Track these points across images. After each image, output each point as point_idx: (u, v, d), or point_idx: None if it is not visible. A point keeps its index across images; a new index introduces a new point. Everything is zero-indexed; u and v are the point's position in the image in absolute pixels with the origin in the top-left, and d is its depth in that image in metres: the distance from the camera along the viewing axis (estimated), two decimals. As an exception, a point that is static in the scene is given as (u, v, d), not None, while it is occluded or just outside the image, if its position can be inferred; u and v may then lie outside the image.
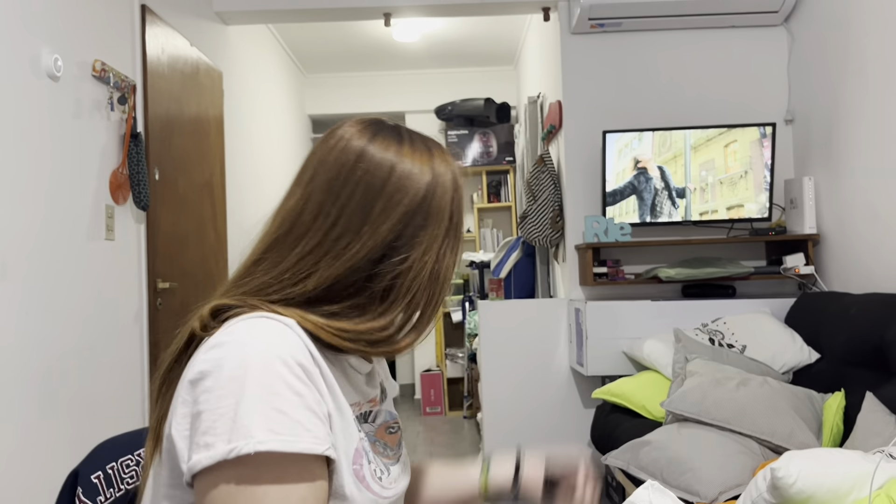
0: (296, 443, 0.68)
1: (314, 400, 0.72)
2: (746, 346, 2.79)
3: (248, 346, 0.71)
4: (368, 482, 0.78)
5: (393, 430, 0.90)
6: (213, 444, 0.68)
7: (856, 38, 2.78)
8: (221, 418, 0.68)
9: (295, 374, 0.71)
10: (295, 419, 0.69)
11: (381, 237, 0.80)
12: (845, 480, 1.54)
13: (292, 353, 0.72)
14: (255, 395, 0.68)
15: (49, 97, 2.23)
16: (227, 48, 3.89)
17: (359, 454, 0.78)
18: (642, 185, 3.24)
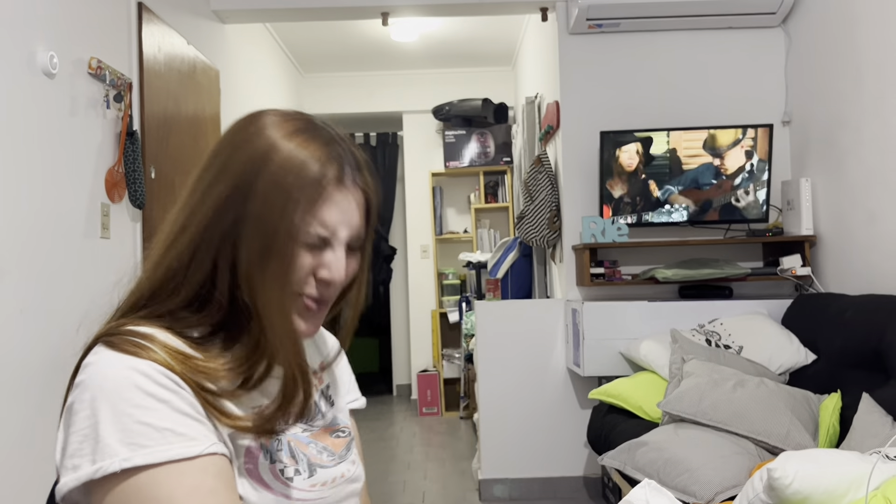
0: (166, 451, 0.67)
1: (184, 401, 0.70)
2: (743, 347, 2.79)
3: (107, 363, 0.70)
4: (266, 481, 0.76)
5: (340, 435, 0.89)
6: (79, 465, 0.67)
7: (853, 39, 2.78)
8: (86, 439, 0.67)
9: (157, 383, 0.69)
10: (162, 427, 0.68)
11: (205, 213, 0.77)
12: (842, 481, 1.54)
13: (155, 361, 0.71)
14: (116, 411, 0.67)
15: (45, 95, 2.22)
16: (224, 47, 3.88)
17: (251, 452, 0.76)
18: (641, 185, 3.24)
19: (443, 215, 6.08)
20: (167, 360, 0.71)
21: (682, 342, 2.75)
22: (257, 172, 0.75)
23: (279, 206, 0.75)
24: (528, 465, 3.50)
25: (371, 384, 7.16)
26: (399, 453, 4.52)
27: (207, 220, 0.76)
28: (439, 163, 5.93)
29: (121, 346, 0.72)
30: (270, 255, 0.75)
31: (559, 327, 3.51)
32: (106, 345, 0.72)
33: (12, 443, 2.02)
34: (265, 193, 0.75)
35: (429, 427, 5.27)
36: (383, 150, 6.28)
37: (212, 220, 0.76)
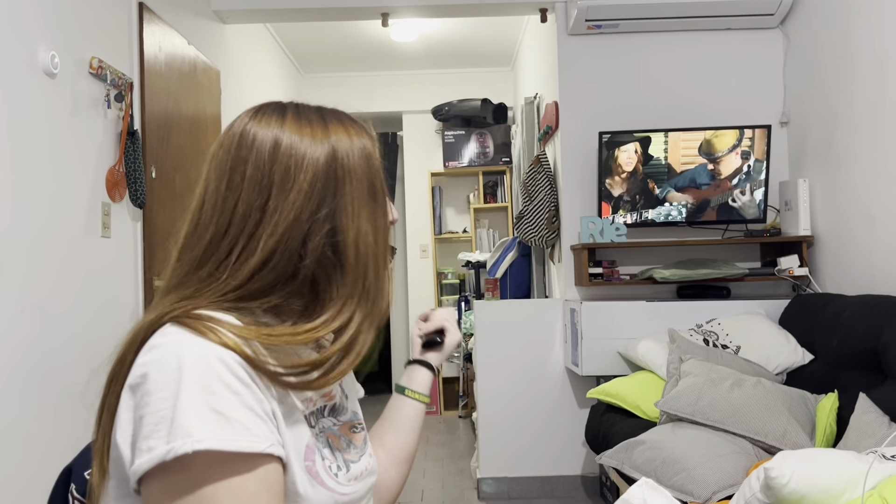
0: (235, 441, 0.67)
1: (254, 398, 0.71)
2: (741, 346, 2.81)
3: (183, 345, 0.70)
4: (322, 478, 0.77)
5: (356, 429, 0.90)
6: (154, 446, 0.67)
7: (851, 40, 2.80)
8: (162, 420, 0.67)
9: (232, 372, 0.70)
10: (233, 418, 0.68)
11: (290, 211, 0.78)
12: (838, 481, 1.55)
13: (230, 350, 0.71)
14: (193, 394, 0.67)
15: (46, 94, 2.23)
16: (224, 47, 3.89)
17: (310, 450, 0.77)
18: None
19: (442, 215, 6.09)
20: (241, 348, 0.72)
21: (680, 342, 2.76)
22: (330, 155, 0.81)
23: (358, 163, 0.82)
24: (527, 464, 3.51)
25: (370, 383, 7.17)
26: (398, 452, 4.53)
27: (295, 211, 0.78)
28: (438, 163, 5.94)
29: (195, 327, 0.72)
30: (376, 209, 0.83)
31: (558, 327, 3.52)
32: (178, 325, 0.72)
33: (11, 440, 2.03)
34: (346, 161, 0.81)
35: (427, 426, 5.28)
36: (383, 149, 6.25)
37: (299, 210, 0.78)
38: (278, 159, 0.79)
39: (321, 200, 0.79)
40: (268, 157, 0.79)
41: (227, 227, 0.78)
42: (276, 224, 0.77)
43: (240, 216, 0.78)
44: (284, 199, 0.78)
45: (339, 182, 0.80)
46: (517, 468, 3.52)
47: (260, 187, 0.78)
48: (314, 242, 0.78)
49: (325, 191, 0.79)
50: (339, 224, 0.79)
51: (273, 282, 0.78)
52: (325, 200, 0.79)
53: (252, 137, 0.80)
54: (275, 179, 0.78)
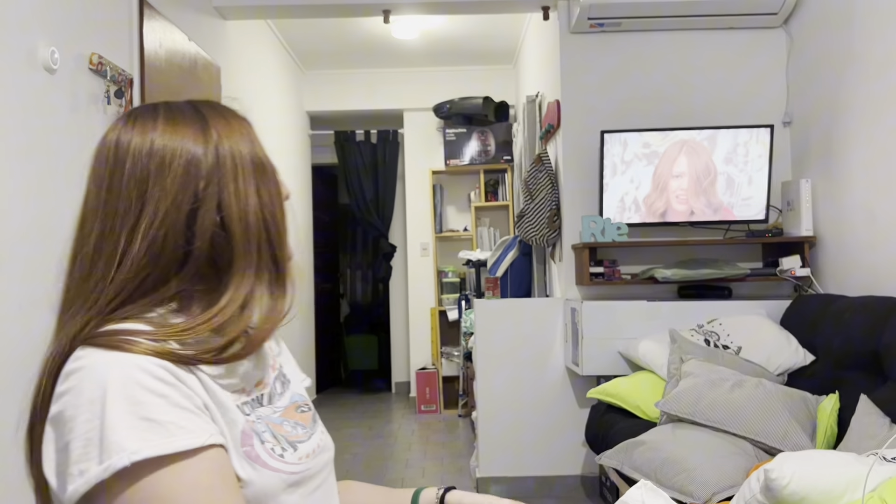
0: (171, 443, 0.68)
1: (182, 395, 0.72)
2: (742, 347, 2.80)
3: (100, 365, 0.70)
4: (265, 460, 0.79)
5: (304, 410, 0.92)
6: (86, 469, 0.67)
7: (855, 40, 2.78)
8: (90, 442, 0.67)
9: (154, 377, 0.70)
10: (164, 421, 0.69)
11: (168, 196, 0.78)
12: (839, 482, 1.54)
13: (147, 356, 0.72)
14: (118, 409, 0.68)
15: (45, 90, 2.22)
16: (225, 43, 3.88)
17: (247, 436, 0.78)
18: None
19: (443, 213, 6.08)
20: (160, 350, 0.73)
21: (681, 342, 2.76)
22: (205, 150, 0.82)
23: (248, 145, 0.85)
24: (526, 464, 3.51)
25: (370, 381, 7.17)
26: (397, 451, 4.53)
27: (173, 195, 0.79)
28: (440, 161, 5.93)
29: (109, 344, 0.72)
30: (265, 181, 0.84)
31: (558, 326, 3.51)
32: (92, 346, 0.72)
33: (11, 437, 2.03)
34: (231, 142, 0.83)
35: (427, 425, 5.27)
36: (384, 147, 6.28)
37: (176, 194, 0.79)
38: (154, 152, 0.80)
39: (200, 180, 0.80)
40: (144, 153, 0.80)
41: (111, 228, 0.79)
42: (155, 211, 0.78)
43: (121, 214, 0.78)
44: (161, 187, 0.78)
45: (220, 160, 0.81)
46: (517, 468, 3.51)
47: (137, 181, 0.79)
48: (201, 222, 0.79)
49: (203, 171, 0.80)
50: (223, 201, 0.80)
51: (165, 268, 0.79)
52: (203, 180, 0.80)
53: (127, 142, 0.81)
54: (151, 170, 0.79)
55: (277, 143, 5.14)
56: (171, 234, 0.78)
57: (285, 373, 0.96)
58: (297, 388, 0.96)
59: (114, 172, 0.80)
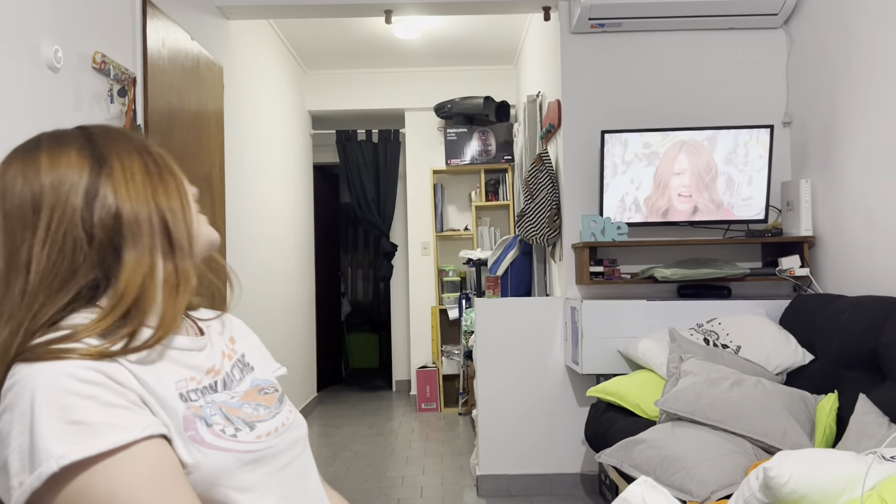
0: (99, 443, 0.69)
1: (112, 392, 0.73)
2: (741, 346, 2.81)
3: (28, 377, 0.71)
4: (210, 442, 0.79)
5: (268, 392, 0.94)
6: (23, 481, 0.68)
7: (855, 41, 2.79)
8: (23, 455, 0.69)
9: (81, 379, 0.71)
10: (93, 421, 0.69)
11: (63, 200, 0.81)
12: (837, 481, 1.55)
13: (72, 360, 0.72)
14: (46, 418, 0.69)
15: (49, 88, 2.23)
16: (228, 43, 3.89)
17: (189, 422, 0.79)
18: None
19: (444, 212, 6.09)
20: (84, 352, 0.74)
21: (681, 341, 2.77)
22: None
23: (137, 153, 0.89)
24: (526, 462, 3.52)
25: (370, 379, 7.18)
26: (398, 448, 4.54)
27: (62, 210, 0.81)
28: (441, 160, 5.94)
29: (36, 356, 0.73)
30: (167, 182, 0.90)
31: (558, 325, 3.52)
32: (22, 361, 0.74)
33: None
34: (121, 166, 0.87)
35: (427, 423, 5.28)
36: (385, 147, 6.29)
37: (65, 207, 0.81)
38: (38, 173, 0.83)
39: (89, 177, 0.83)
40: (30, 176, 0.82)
41: (16, 245, 0.80)
42: (50, 217, 0.80)
43: (19, 230, 0.80)
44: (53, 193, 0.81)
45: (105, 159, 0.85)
46: (516, 465, 3.52)
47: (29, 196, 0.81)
48: (98, 215, 0.82)
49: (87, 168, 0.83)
50: (116, 191, 0.83)
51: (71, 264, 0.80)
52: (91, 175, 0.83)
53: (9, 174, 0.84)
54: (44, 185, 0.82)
55: (279, 143, 5.15)
56: (70, 232, 0.80)
57: (247, 361, 0.99)
58: (261, 375, 0.98)
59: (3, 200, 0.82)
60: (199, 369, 0.88)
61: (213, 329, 0.98)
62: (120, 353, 0.77)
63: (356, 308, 8.29)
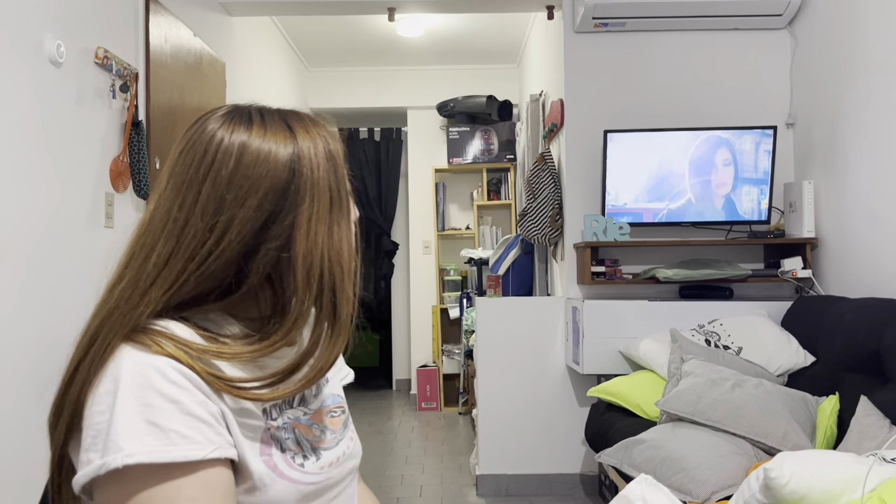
0: (168, 452, 0.68)
1: (195, 402, 0.71)
2: (742, 347, 2.80)
3: (124, 360, 0.71)
4: (282, 470, 0.78)
5: (335, 414, 0.91)
6: (92, 459, 0.69)
7: (859, 42, 2.79)
8: (99, 434, 0.69)
9: (171, 381, 0.71)
10: (168, 428, 0.69)
11: (242, 227, 0.76)
12: (838, 482, 1.54)
13: (171, 357, 0.72)
14: (127, 407, 0.69)
15: (51, 83, 2.23)
16: (230, 39, 3.89)
17: (266, 445, 0.78)
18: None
19: (445, 211, 6.09)
20: (183, 356, 0.73)
21: (682, 342, 2.76)
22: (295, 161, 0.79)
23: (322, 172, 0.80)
24: (526, 462, 3.51)
25: (371, 378, 7.18)
26: (397, 447, 4.54)
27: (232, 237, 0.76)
28: (443, 159, 5.94)
29: (141, 342, 0.73)
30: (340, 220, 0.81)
31: (559, 325, 3.52)
32: (126, 342, 0.73)
33: (13, 430, 2.04)
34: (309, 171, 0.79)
35: (427, 422, 5.28)
36: (387, 145, 6.28)
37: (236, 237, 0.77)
38: (236, 178, 0.77)
39: (274, 215, 0.77)
40: (227, 172, 0.77)
41: (173, 251, 0.76)
42: (221, 241, 0.76)
43: (189, 225, 0.76)
44: (234, 217, 0.76)
45: (299, 196, 0.78)
46: (516, 465, 3.52)
47: (215, 206, 0.76)
48: (260, 259, 0.77)
49: (281, 206, 0.77)
50: (293, 240, 0.78)
51: (204, 292, 0.78)
52: (279, 215, 0.77)
53: (216, 150, 0.78)
54: (228, 197, 0.76)
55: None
56: (222, 264, 0.76)
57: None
58: (333, 389, 0.95)
59: (191, 185, 0.77)
60: None
61: None
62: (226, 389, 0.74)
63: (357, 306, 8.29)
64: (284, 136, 0.80)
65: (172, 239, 0.76)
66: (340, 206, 0.82)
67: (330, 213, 0.80)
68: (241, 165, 0.77)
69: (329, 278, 0.80)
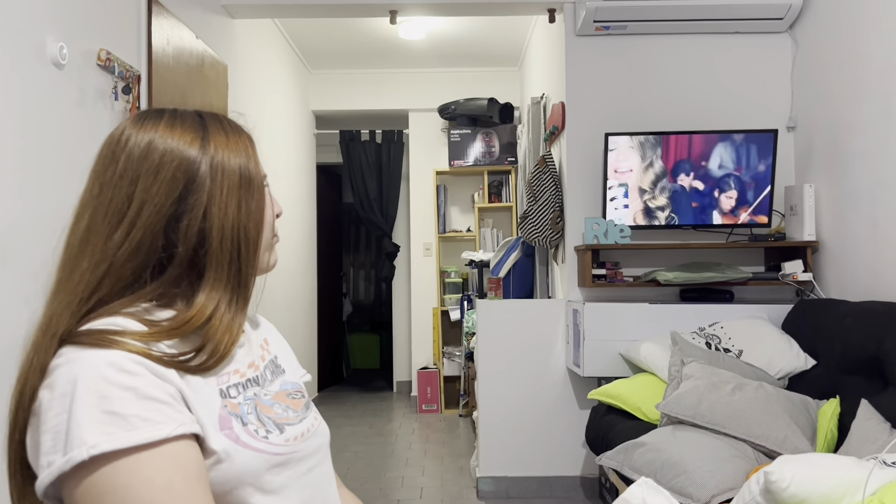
0: (131, 437, 0.70)
1: (151, 385, 0.74)
2: (743, 350, 2.80)
3: (75, 362, 0.73)
4: (245, 441, 0.80)
5: (296, 396, 0.95)
6: (53, 461, 0.70)
7: (860, 46, 2.79)
8: (58, 435, 0.70)
9: (123, 370, 0.72)
10: (128, 414, 0.71)
11: (152, 200, 0.81)
12: (838, 486, 1.55)
13: (121, 349, 0.74)
14: (85, 403, 0.70)
15: (53, 85, 2.24)
16: (232, 42, 3.89)
17: (225, 420, 0.80)
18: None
19: (446, 214, 6.09)
20: (134, 345, 0.75)
21: (682, 345, 2.76)
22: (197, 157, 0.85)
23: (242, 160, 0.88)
24: (526, 464, 3.51)
25: (371, 380, 7.18)
26: (398, 449, 4.54)
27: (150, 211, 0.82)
28: (444, 161, 5.94)
29: (88, 342, 0.74)
30: (248, 198, 0.87)
31: (560, 327, 3.52)
32: (73, 344, 0.75)
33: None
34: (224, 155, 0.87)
35: (428, 424, 5.28)
36: (389, 147, 6.29)
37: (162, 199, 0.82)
38: (148, 156, 0.83)
39: (188, 188, 0.83)
40: (138, 154, 0.83)
41: (98, 223, 0.82)
42: (138, 213, 0.81)
43: (109, 212, 0.82)
44: (147, 189, 0.82)
45: (212, 171, 0.85)
46: (516, 468, 3.52)
47: (128, 181, 0.82)
48: (185, 230, 0.83)
49: (192, 179, 0.84)
50: (207, 212, 0.84)
51: (140, 270, 0.82)
52: (192, 188, 0.83)
53: (125, 140, 0.84)
54: (142, 171, 0.82)
55: (283, 142, 5.15)
56: (148, 238, 0.81)
57: (279, 363, 0.99)
58: (290, 378, 0.99)
59: (106, 168, 0.83)
60: (242, 363, 0.89)
61: (249, 328, 0.98)
62: (171, 366, 0.78)
63: (358, 308, 8.29)
64: (194, 123, 0.88)
65: (97, 216, 0.82)
66: (250, 187, 0.88)
67: (238, 190, 0.87)
68: (151, 145, 0.84)
69: (237, 248, 0.86)
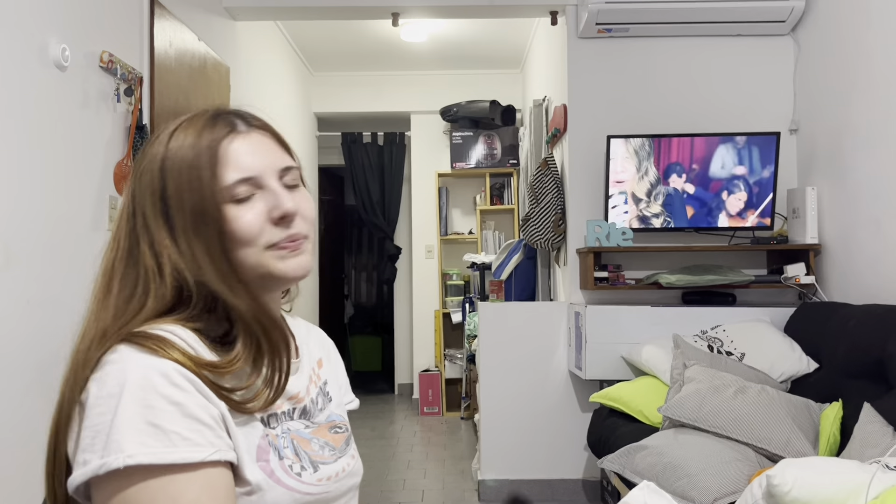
0: (169, 454, 0.69)
1: (197, 404, 0.72)
2: (745, 353, 2.80)
3: (128, 363, 0.72)
4: (279, 476, 0.79)
5: (339, 430, 0.92)
6: (89, 460, 0.69)
7: (862, 49, 2.79)
8: (98, 435, 0.69)
9: (173, 384, 0.72)
10: (170, 430, 0.70)
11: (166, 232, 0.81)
12: (841, 490, 1.54)
13: (175, 361, 0.73)
14: (130, 409, 0.69)
15: (56, 87, 2.24)
16: (234, 44, 3.90)
17: (262, 451, 0.79)
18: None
19: (448, 216, 6.09)
20: (187, 360, 0.74)
21: (684, 348, 2.76)
22: (161, 172, 0.82)
23: (188, 182, 0.80)
24: (528, 467, 3.51)
25: (373, 383, 7.18)
26: (399, 452, 4.53)
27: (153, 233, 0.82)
28: (446, 163, 5.94)
29: (142, 344, 0.73)
30: (203, 225, 0.80)
31: (562, 330, 3.51)
32: (127, 343, 0.74)
33: (16, 431, 2.04)
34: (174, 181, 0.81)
35: (429, 426, 5.28)
36: (390, 149, 6.29)
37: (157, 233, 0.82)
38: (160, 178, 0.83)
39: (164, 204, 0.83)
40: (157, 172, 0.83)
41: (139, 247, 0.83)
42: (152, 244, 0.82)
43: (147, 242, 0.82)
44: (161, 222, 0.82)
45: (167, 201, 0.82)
46: (518, 470, 3.51)
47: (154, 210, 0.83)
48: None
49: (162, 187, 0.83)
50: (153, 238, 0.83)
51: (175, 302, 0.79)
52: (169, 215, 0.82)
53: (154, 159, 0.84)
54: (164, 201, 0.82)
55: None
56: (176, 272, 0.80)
57: (328, 390, 0.96)
58: (335, 409, 0.95)
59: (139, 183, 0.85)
60: (290, 390, 0.86)
61: (305, 348, 0.95)
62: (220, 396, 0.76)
63: (359, 311, 8.29)
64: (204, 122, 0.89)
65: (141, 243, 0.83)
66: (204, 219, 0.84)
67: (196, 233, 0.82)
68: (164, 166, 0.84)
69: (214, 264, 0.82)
